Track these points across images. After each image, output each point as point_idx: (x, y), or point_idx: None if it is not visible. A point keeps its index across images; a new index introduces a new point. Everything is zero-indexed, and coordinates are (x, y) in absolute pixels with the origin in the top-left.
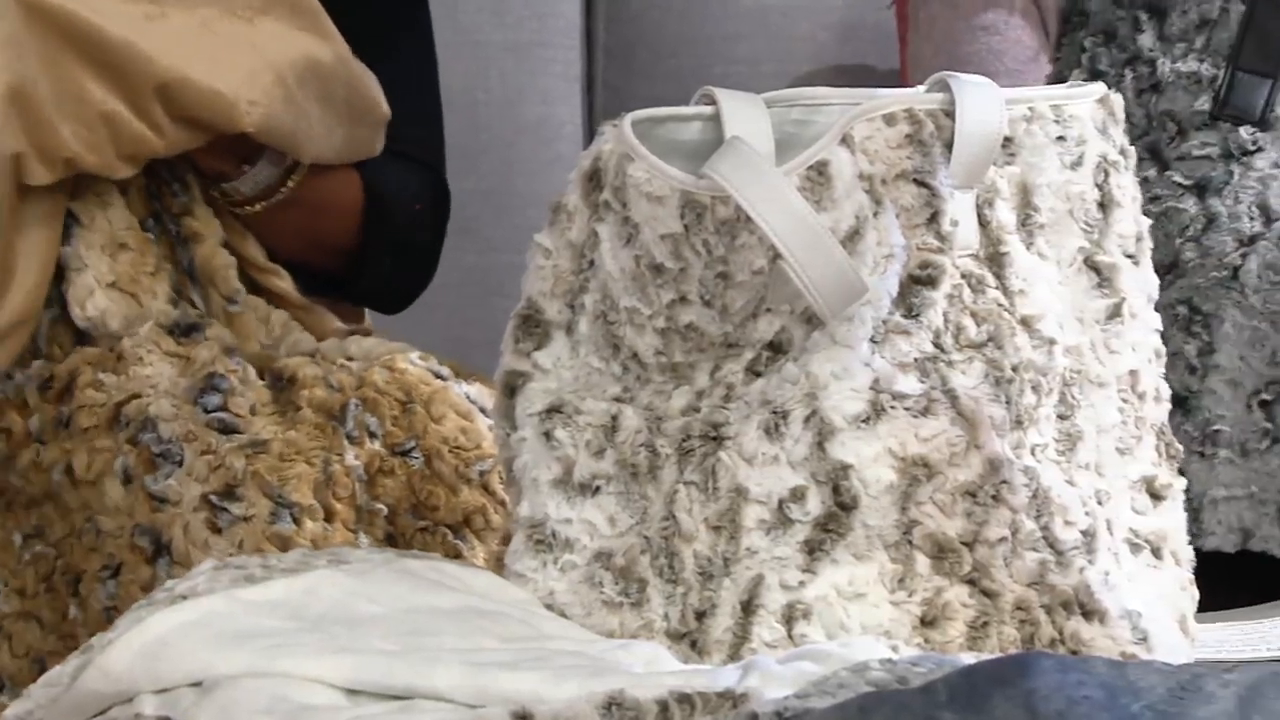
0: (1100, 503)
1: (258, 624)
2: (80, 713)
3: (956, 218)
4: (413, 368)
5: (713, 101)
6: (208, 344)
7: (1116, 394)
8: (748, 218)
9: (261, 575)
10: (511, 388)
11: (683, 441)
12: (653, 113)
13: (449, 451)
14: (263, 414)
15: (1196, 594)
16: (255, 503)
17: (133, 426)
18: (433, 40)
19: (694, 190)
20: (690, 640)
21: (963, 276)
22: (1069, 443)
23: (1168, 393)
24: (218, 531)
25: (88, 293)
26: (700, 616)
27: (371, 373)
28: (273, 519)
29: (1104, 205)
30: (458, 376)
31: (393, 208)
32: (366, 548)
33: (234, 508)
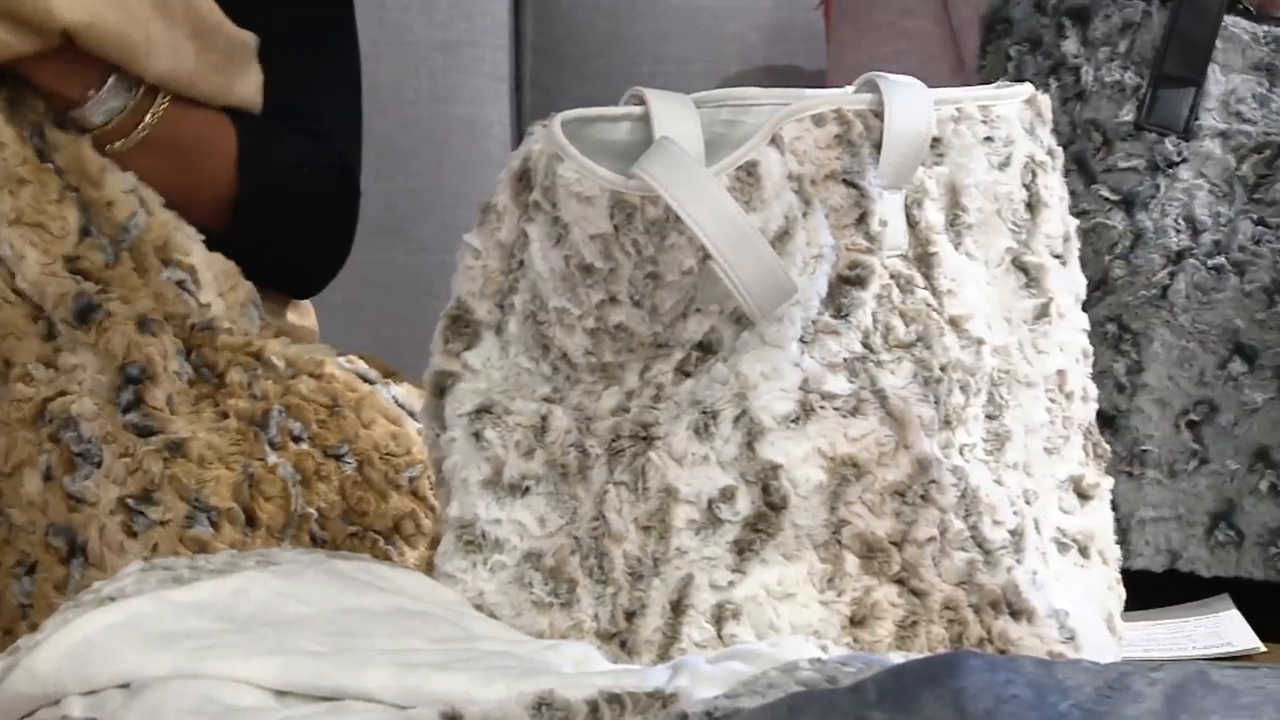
0: (1028, 502)
1: (186, 625)
2: (7, 715)
3: (885, 218)
4: (339, 373)
5: (642, 101)
6: (120, 328)
7: (1044, 394)
8: (677, 218)
9: (190, 576)
10: (441, 388)
11: (612, 442)
12: (582, 113)
13: (379, 457)
14: (183, 403)
15: (1123, 593)
16: (172, 507)
17: (55, 423)
18: (353, 20)
19: (624, 190)
20: (620, 640)
21: (891, 277)
22: (997, 442)
23: (1095, 392)
24: (133, 535)
25: None
26: (630, 617)
27: (298, 382)
28: (188, 523)
29: (1031, 205)
30: (385, 377)
31: (272, 161)
32: (296, 549)
33: (150, 511)
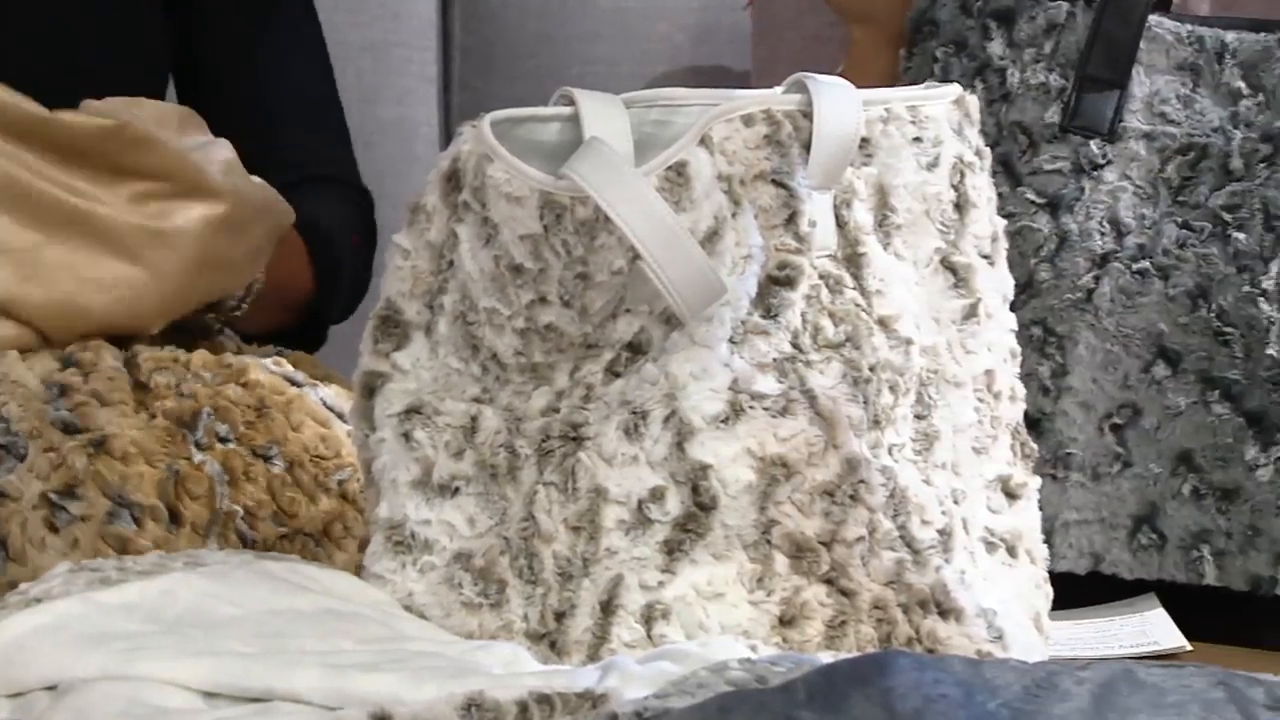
0: (956, 502)
1: (114, 627)
2: None
3: (814, 218)
4: (265, 377)
5: (571, 102)
6: None
7: (973, 393)
8: (607, 218)
9: (117, 578)
10: (370, 389)
11: (542, 442)
12: (511, 113)
13: (309, 459)
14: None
15: (1051, 592)
16: (94, 502)
17: None
18: (327, 53)
19: (553, 191)
20: (550, 641)
21: (821, 277)
22: (926, 442)
23: (1023, 392)
24: (54, 530)
25: None
26: (560, 617)
27: (226, 388)
28: (110, 519)
29: (960, 206)
30: (313, 378)
31: (335, 246)
32: (224, 551)
33: (72, 507)
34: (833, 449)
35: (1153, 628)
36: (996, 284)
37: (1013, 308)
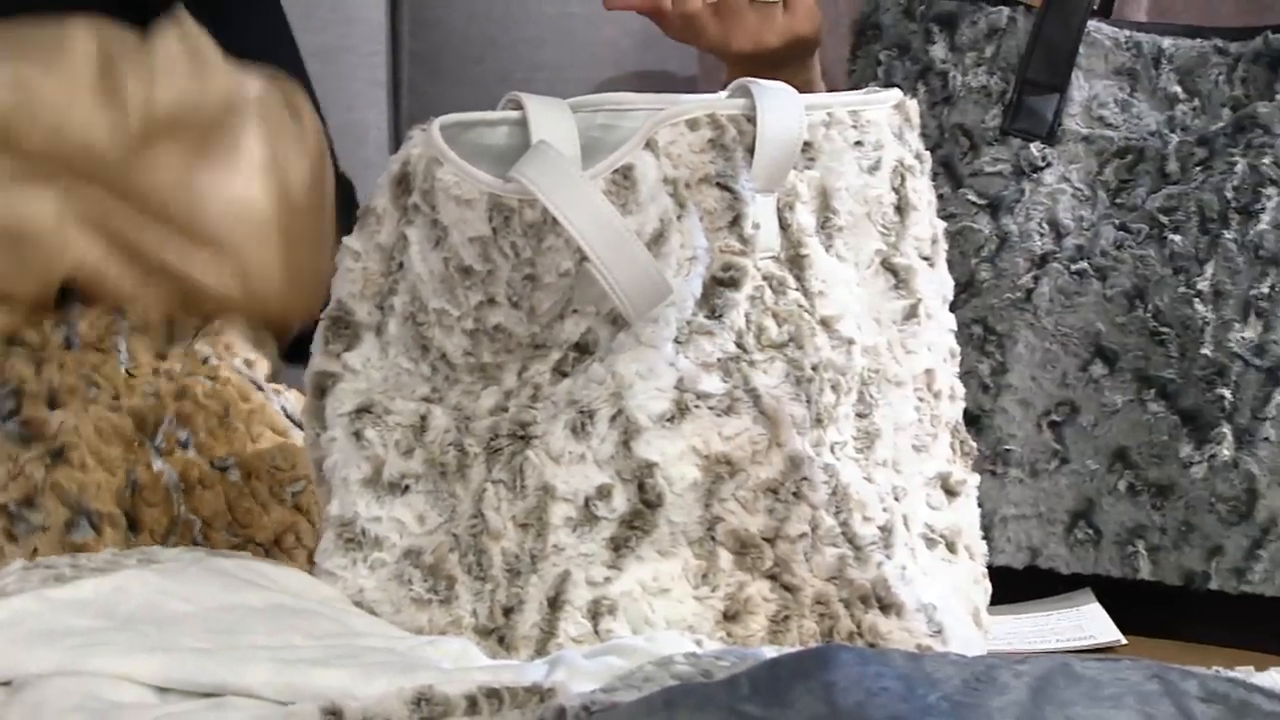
0: (897, 499)
1: (67, 623)
2: None
3: (758, 221)
4: (235, 378)
5: (519, 106)
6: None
7: (913, 393)
8: (554, 221)
9: (71, 575)
10: (322, 388)
11: (491, 441)
12: (460, 117)
13: (265, 470)
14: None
15: (989, 587)
16: (53, 512)
17: None
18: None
19: (501, 194)
20: (498, 636)
21: (764, 278)
22: (867, 440)
23: (962, 391)
24: (14, 540)
25: None
26: (508, 612)
27: (195, 382)
28: (69, 529)
29: (900, 208)
30: (275, 380)
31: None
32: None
33: (31, 516)
34: (776, 447)
35: (1089, 622)
36: (936, 285)
37: (954, 307)
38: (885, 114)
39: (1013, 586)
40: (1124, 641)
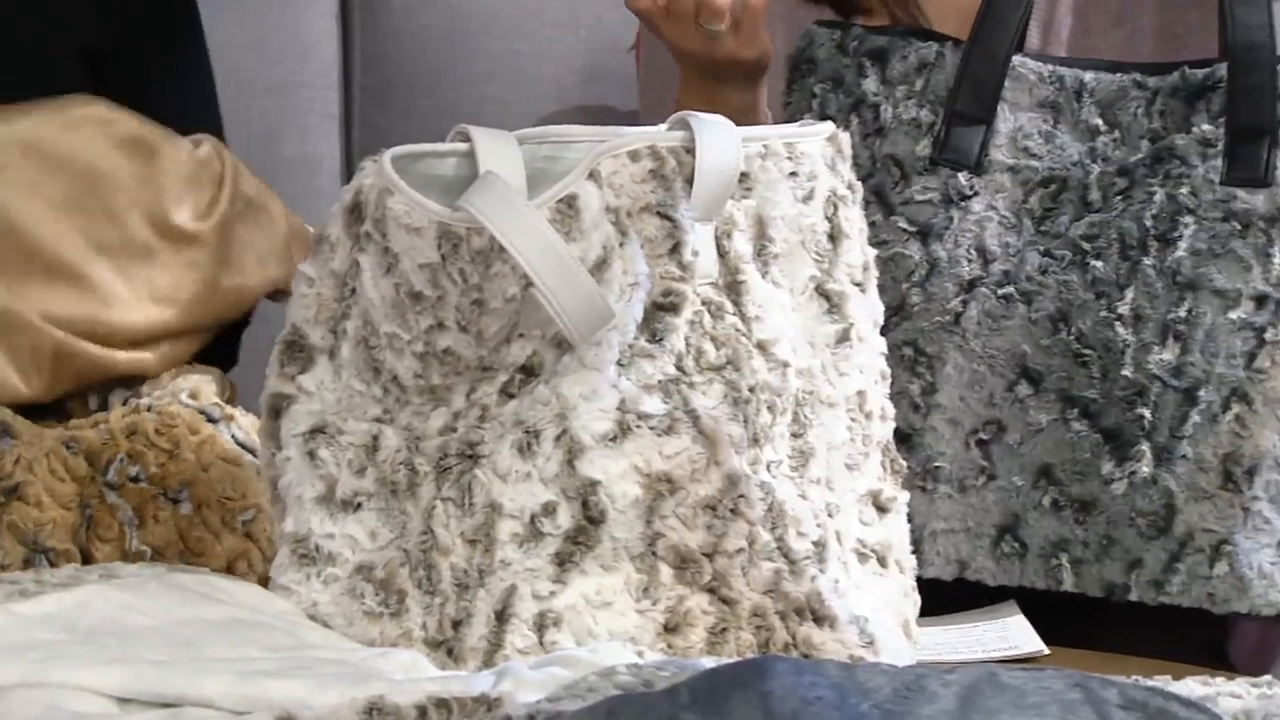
0: (830, 515)
1: (30, 636)
2: None
3: (697, 248)
4: (183, 411)
5: (467, 138)
6: None
7: (845, 413)
8: (501, 248)
9: (34, 590)
10: (277, 410)
11: (440, 460)
12: (411, 149)
13: (216, 500)
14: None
15: (919, 599)
16: (10, 550)
17: None
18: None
19: (450, 222)
20: (447, 648)
21: (703, 303)
22: (801, 459)
23: (892, 411)
24: None
25: None
26: (456, 625)
27: (144, 420)
28: (25, 566)
29: (833, 236)
30: (229, 403)
31: None
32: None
33: None
34: (714, 465)
35: (1014, 633)
36: (868, 310)
37: (885, 330)
38: (819, 146)
39: (942, 598)
40: (1047, 651)
